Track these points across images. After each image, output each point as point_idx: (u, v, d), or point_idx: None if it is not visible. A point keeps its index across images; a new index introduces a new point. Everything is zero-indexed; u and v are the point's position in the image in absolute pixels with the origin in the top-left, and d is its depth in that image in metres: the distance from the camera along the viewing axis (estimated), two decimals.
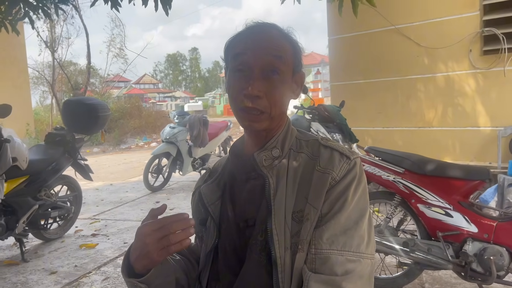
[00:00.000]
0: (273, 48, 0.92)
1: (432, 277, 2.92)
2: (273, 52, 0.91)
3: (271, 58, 0.91)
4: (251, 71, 0.91)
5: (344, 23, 5.42)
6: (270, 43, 0.92)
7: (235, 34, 0.97)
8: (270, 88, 0.91)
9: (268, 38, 0.93)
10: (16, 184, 3.51)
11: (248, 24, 0.97)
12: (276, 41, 0.93)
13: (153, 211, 0.92)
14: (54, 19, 13.46)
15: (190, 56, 74.32)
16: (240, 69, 0.92)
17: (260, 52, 0.91)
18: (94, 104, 4.15)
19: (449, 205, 2.46)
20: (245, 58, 0.91)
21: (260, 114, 0.91)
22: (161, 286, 0.96)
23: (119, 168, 9.47)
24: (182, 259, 1.08)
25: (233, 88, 0.93)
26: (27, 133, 10.51)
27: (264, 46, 0.91)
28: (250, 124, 0.93)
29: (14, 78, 10.64)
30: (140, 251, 0.87)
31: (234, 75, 0.93)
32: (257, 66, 0.90)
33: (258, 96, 0.90)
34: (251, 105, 0.90)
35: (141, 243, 0.87)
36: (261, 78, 0.90)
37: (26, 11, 3.26)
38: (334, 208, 0.89)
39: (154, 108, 25.77)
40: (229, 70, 0.96)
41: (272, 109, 0.92)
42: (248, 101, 0.90)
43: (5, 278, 3.28)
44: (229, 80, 0.95)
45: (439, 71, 4.93)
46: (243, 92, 0.90)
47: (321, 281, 0.84)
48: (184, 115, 6.86)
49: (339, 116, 4.35)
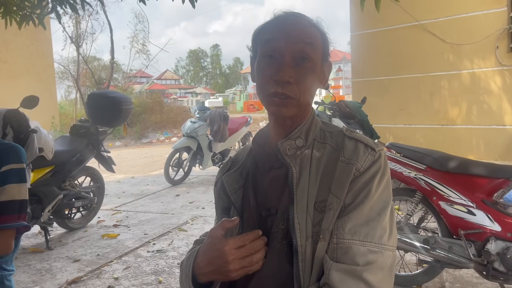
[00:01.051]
0: (305, 35, 0.92)
1: (453, 276, 2.88)
2: (304, 39, 0.91)
3: (302, 45, 0.91)
4: (282, 57, 0.90)
5: (367, 19, 5.36)
6: (301, 30, 0.92)
7: (264, 22, 0.97)
8: (300, 75, 0.91)
9: (299, 25, 0.93)
10: (42, 174, 3.61)
11: (276, 14, 0.97)
12: (307, 29, 0.93)
13: (226, 224, 0.93)
14: (80, 15, 13.72)
15: (211, 53, 74.66)
16: (271, 55, 0.92)
17: (291, 39, 0.91)
18: (117, 97, 4.23)
19: (472, 203, 2.41)
20: (277, 44, 0.91)
21: (289, 99, 0.91)
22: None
23: (141, 161, 9.62)
24: None
25: (263, 74, 0.93)
26: (52, 126, 10.76)
27: (296, 33, 0.91)
28: (278, 109, 0.93)
29: (40, 72, 10.91)
30: (217, 267, 0.89)
31: (265, 61, 0.93)
32: (289, 52, 0.90)
33: (289, 82, 0.89)
34: (281, 90, 0.90)
35: (222, 261, 0.88)
36: (292, 65, 0.90)
37: (53, 5, 3.34)
38: (358, 199, 0.89)
39: (175, 103, 26.01)
40: (258, 56, 0.96)
41: (301, 96, 0.92)
42: (279, 86, 0.90)
43: (30, 265, 3.38)
44: (258, 66, 0.95)
45: (464, 68, 4.84)
46: (274, 78, 0.90)
47: (342, 270, 0.84)
48: (205, 110, 6.91)
49: (360, 112, 4.32)
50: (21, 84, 9.83)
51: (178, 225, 4.35)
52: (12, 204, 1.45)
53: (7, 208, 1.44)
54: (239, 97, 34.80)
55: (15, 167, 1.46)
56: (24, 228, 1.48)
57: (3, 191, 1.44)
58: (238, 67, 71.29)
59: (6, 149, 1.48)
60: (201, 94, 54.05)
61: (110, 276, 3.13)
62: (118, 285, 2.96)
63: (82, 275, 3.14)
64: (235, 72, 71.52)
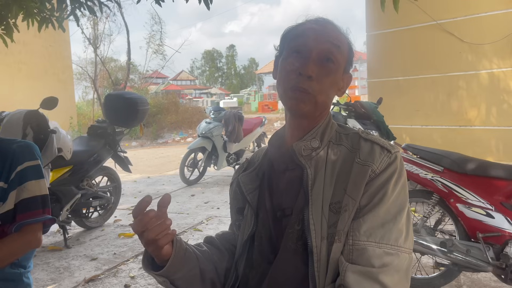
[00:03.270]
0: (334, 37, 0.95)
1: (471, 279, 2.83)
2: (333, 40, 0.94)
3: (330, 45, 0.94)
4: (309, 53, 0.93)
5: (383, 19, 5.31)
6: (331, 32, 0.96)
7: (295, 24, 1.00)
8: (323, 73, 0.93)
9: (329, 28, 0.97)
10: (60, 174, 3.68)
11: (309, 18, 1.00)
12: (337, 33, 0.97)
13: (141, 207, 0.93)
14: (98, 16, 13.93)
15: (226, 53, 74.93)
16: (298, 50, 0.95)
17: (320, 37, 0.94)
18: (134, 98, 4.28)
19: (491, 205, 2.38)
20: (305, 40, 0.94)
21: (308, 95, 0.93)
22: (183, 278, 0.97)
23: (156, 161, 9.71)
24: (210, 249, 1.08)
25: (288, 67, 0.95)
26: (71, 126, 10.94)
27: (325, 33, 0.95)
28: (296, 103, 0.94)
29: (59, 73, 11.10)
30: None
31: (292, 55, 0.96)
32: (316, 50, 0.93)
33: (311, 76, 0.92)
34: (301, 84, 0.92)
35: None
36: (316, 62, 0.93)
37: (72, 8, 3.40)
38: (373, 200, 0.89)
39: (190, 104, 26.17)
40: (285, 52, 0.98)
41: (318, 94, 0.93)
42: (301, 80, 0.92)
43: (49, 262, 3.45)
44: (283, 61, 0.97)
45: (483, 68, 4.76)
46: (298, 71, 0.92)
47: (358, 272, 0.84)
48: (220, 111, 6.94)
49: (376, 113, 4.28)
50: (40, 85, 10.03)
51: (193, 225, 4.38)
52: (34, 200, 1.50)
53: (31, 204, 1.49)
54: (253, 97, 34.80)
55: (30, 164, 1.51)
56: (50, 221, 1.54)
57: (24, 189, 1.48)
58: (253, 68, 71.34)
59: (20, 148, 1.52)
60: (216, 95, 54.26)
61: (127, 274, 3.17)
62: (134, 284, 3.00)
63: (99, 274, 3.19)
64: (250, 72, 71.58)
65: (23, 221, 1.46)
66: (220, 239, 1.14)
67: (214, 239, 1.13)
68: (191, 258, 1.00)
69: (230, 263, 1.08)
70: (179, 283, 0.98)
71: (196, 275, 1.00)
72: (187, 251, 0.99)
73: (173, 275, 0.96)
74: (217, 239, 1.14)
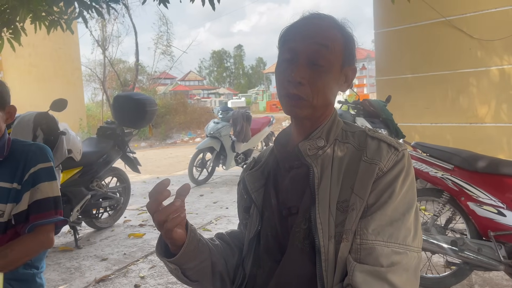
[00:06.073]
0: (321, 37, 0.92)
1: (482, 278, 2.80)
2: (320, 40, 0.92)
3: (317, 46, 0.91)
4: (297, 57, 0.92)
5: (391, 16, 5.28)
6: (318, 32, 0.93)
7: (289, 24, 0.98)
8: (313, 76, 0.91)
9: (317, 27, 0.94)
10: (71, 175, 3.71)
11: (304, 15, 0.98)
12: (325, 31, 0.93)
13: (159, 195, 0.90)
14: (106, 18, 14.03)
15: (234, 53, 75.00)
16: (287, 55, 0.94)
17: (306, 40, 0.92)
18: (142, 99, 4.30)
19: (502, 203, 2.35)
20: (292, 45, 0.93)
21: (302, 100, 0.92)
22: (195, 269, 0.98)
23: (165, 162, 9.75)
24: (222, 244, 1.09)
25: (279, 74, 0.95)
26: (80, 128, 11.04)
27: (312, 34, 0.92)
28: (292, 109, 0.94)
29: (68, 75, 11.21)
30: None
31: (282, 62, 0.95)
32: (303, 53, 0.91)
33: (301, 83, 0.90)
34: (293, 91, 0.91)
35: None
36: (306, 66, 0.91)
37: (80, 10, 3.43)
38: (381, 199, 0.88)
39: (198, 104, 26.25)
40: (278, 57, 0.98)
41: (314, 98, 0.92)
42: (292, 87, 0.91)
43: (60, 263, 3.48)
44: (277, 66, 0.97)
45: (494, 64, 4.70)
46: (287, 78, 0.92)
47: (366, 271, 0.83)
48: (227, 111, 6.95)
49: (385, 111, 4.26)
50: (50, 87, 10.13)
51: (202, 225, 4.39)
52: (47, 201, 1.52)
53: (44, 205, 1.52)
54: (261, 97, 34.76)
55: (43, 166, 1.54)
56: (62, 222, 1.56)
57: (37, 190, 1.51)
58: (261, 67, 71.34)
59: (33, 150, 1.55)
60: (224, 95, 54.34)
61: (137, 275, 3.18)
62: (144, 284, 3.01)
63: (110, 274, 3.21)
64: (258, 72, 71.59)
65: (36, 222, 1.49)
66: (230, 236, 1.15)
67: (225, 235, 1.15)
68: (204, 249, 1.00)
69: (239, 260, 1.09)
70: (190, 273, 0.99)
71: (207, 267, 1.01)
72: (200, 241, 0.99)
73: (185, 264, 0.96)
74: (227, 236, 1.15)
